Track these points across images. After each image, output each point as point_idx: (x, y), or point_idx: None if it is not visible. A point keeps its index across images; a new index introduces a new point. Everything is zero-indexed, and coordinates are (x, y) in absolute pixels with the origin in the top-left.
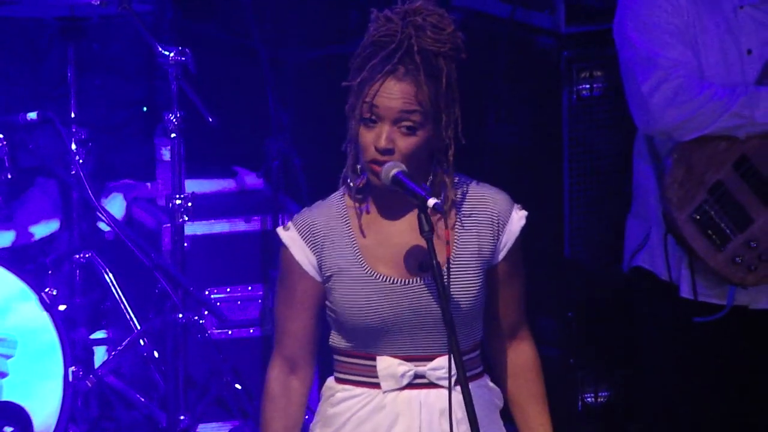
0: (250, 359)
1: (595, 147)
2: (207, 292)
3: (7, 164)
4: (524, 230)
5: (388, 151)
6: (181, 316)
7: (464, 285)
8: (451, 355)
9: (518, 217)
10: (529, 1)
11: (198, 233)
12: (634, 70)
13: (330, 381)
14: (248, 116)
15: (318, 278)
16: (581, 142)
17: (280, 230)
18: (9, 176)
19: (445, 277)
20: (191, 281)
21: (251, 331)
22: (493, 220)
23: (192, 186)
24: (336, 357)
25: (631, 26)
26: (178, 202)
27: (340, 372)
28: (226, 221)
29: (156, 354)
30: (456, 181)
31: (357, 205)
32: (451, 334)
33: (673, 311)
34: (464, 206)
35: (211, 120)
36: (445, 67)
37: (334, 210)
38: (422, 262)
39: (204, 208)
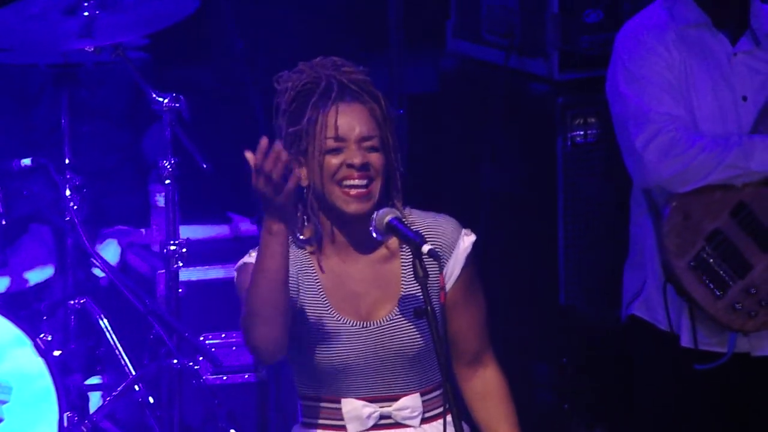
0: (245, 404)
1: (589, 193)
2: (202, 338)
3: (1, 210)
4: (471, 256)
5: (365, 167)
6: (176, 361)
7: (418, 322)
8: (447, 397)
9: (465, 245)
10: (523, 48)
11: (193, 279)
12: (627, 125)
13: (295, 428)
14: (242, 163)
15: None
16: (576, 188)
17: (244, 260)
18: (3, 222)
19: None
20: (186, 327)
21: (246, 376)
22: (439, 248)
23: (186, 232)
24: (302, 403)
25: (623, 81)
26: (172, 248)
27: (307, 417)
28: (220, 267)
29: (151, 399)
30: (405, 212)
31: (313, 248)
32: (445, 380)
33: (671, 360)
34: None
35: (205, 166)
36: (379, 92)
37: (294, 247)
38: (416, 309)
39: (199, 254)
